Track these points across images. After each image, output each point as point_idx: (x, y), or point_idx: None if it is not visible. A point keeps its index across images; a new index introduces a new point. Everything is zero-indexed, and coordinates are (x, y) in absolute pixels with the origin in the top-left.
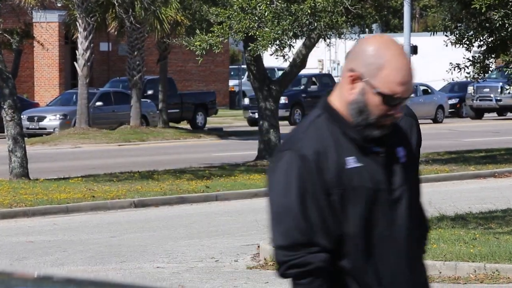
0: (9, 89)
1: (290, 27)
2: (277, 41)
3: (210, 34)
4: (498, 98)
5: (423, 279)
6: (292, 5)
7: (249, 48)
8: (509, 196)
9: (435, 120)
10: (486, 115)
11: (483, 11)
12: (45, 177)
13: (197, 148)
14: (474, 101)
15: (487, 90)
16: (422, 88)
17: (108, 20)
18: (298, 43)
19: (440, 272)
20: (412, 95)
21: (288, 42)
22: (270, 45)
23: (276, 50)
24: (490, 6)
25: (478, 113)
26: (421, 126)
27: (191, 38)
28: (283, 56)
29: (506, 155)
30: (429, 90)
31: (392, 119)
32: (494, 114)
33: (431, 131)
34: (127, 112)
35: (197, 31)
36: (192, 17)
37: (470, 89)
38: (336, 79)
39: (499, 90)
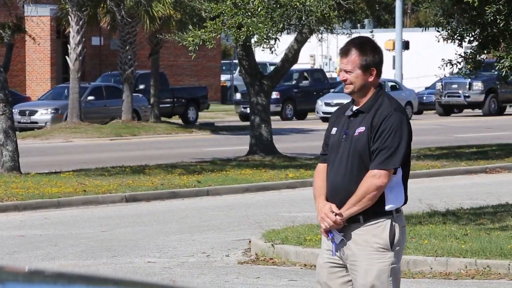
0: (1, 83)
1: (280, 19)
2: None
3: (203, 30)
4: (467, 95)
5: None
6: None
7: (231, 38)
8: (500, 192)
9: None
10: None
11: (475, 5)
12: (36, 171)
13: (189, 143)
14: (443, 98)
15: (456, 86)
16: (390, 84)
17: (99, 15)
18: (290, 38)
19: (431, 268)
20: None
21: (275, 36)
22: (265, 41)
23: (259, 40)
24: (482, 1)
25: (446, 110)
26: None
27: (184, 33)
28: (270, 49)
29: (498, 151)
30: (397, 86)
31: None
32: (470, 110)
33: (421, 127)
34: (119, 107)
35: (190, 27)
36: (183, 11)
37: (439, 85)
38: (328, 74)
39: (468, 87)
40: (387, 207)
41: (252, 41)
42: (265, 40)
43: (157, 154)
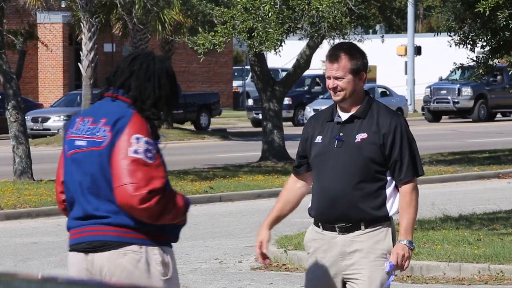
0: (13, 90)
1: (286, 20)
2: (280, 42)
3: (213, 34)
4: (456, 101)
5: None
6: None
7: (246, 44)
8: None
9: None
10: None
11: (487, 14)
12: (49, 178)
13: (201, 149)
14: (431, 104)
15: (445, 92)
16: (380, 90)
17: (112, 21)
18: (302, 44)
19: (445, 273)
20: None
21: (281, 37)
22: (275, 47)
23: (269, 46)
24: (494, 8)
25: (435, 116)
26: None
27: (195, 37)
28: (274, 49)
29: (510, 156)
30: (388, 92)
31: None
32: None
33: (433, 132)
34: None
35: (200, 30)
36: (195, 17)
37: (427, 91)
38: None
39: (457, 92)
40: (391, 213)
41: (263, 47)
42: (275, 43)
43: (169, 160)
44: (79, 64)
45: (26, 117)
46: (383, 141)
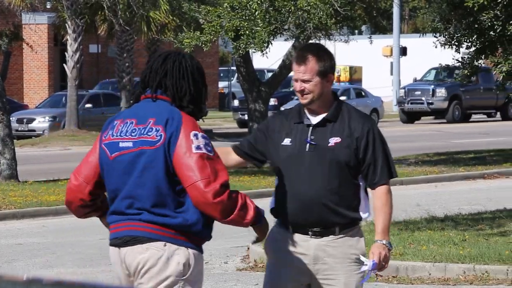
0: None
1: (272, 21)
2: (267, 43)
3: (198, 32)
4: (430, 101)
5: None
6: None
7: (232, 46)
8: (498, 197)
9: None
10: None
11: (475, 9)
12: (34, 179)
13: None
14: (406, 105)
15: (419, 93)
16: (355, 91)
17: (97, 22)
18: (288, 45)
19: (430, 274)
20: (343, 97)
21: (268, 38)
22: (264, 47)
23: (257, 44)
24: (479, 8)
25: (410, 117)
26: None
27: (180, 35)
28: (261, 51)
29: (495, 157)
30: (363, 93)
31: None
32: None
33: (419, 132)
34: None
35: (184, 28)
36: (181, 18)
37: (402, 91)
38: None
39: (431, 93)
40: (364, 216)
41: (249, 47)
42: (262, 44)
43: None
44: (64, 65)
45: (11, 118)
46: (356, 145)
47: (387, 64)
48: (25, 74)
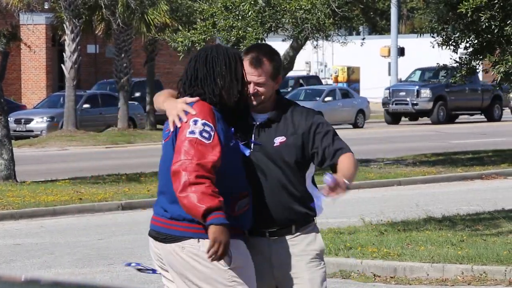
0: None
1: (268, 20)
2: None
3: (193, 31)
4: (415, 102)
5: None
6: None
7: (224, 41)
8: (496, 198)
9: (355, 125)
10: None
11: (469, 14)
12: (32, 179)
13: None
14: (390, 105)
15: (403, 94)
16: (341, 92)
17: (95, 22)
18: (285, 45)
19: (428, 274)
20: (329, 98)
21: (262, 36)
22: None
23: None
24: (476, 9)
25: (394, 118)
26: (341, 132)
27: (174, 35)
28: None
29: (493, 157)
30: (349, 94)
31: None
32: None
33: (415, 133)
34: (115, 114)
35: (180, 27)
36: (180, 19)
37: (386, 92)
38: (323, 81)
39: (416, 94)
40: (318, 213)
41: (241, 45)
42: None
43: (153, 162)
44: (62, 65)
45: (9, 119)
46: (302, 141)
47: (385, 65)
48: (23, 74)
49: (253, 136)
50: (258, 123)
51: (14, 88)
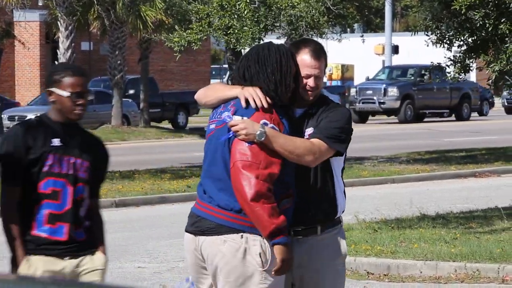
0: None
1: (263, 19)
2: (254, 40)
3: (189, 31)
4: (382, 101)
5: None
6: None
7: (224, 44)
8: (490, 195)
9: None
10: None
11: (462, 12)
12: None
13: (179, 148)
14: (357, 104)
15: (370, 92)
16: None
17: (89, 20)
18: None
19: (421, 272)
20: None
21: (259, 35)
22: (248, 44)
23: (243, 43)
24: (470, 6)
25: (361, 117)
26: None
27: (170, 34)
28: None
29: (487, 155)
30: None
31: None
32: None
33: (410, 131)
34: (109, 112)
35: (176, 27)
36: (175, 16)
37: (353, 91)
38: None
39: (383, 93)
40: (339, 212)
41: (238, 44)
42: (250, 42)
43: (146, 159)
44: (56, 62)
45: (2, 116)
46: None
47: (379, 63)
48: (17, 71)
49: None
50: (296, 117)
51: (8, 85)
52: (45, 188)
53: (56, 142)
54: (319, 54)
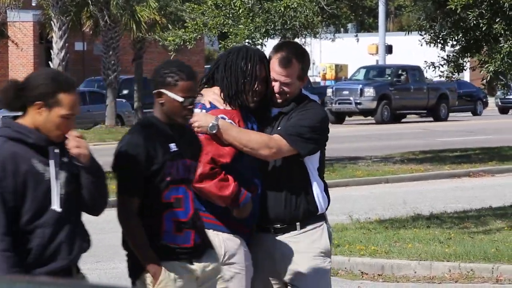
0: None
1: (263, 24)
2: (249, 38)
3: (184, 30)
4: (358, 101)
5: None
6: (265, 3)
7: (219, 45)
8: (484, 195)
9: None
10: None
11: (458, 11)
12: None
13: None
14: (333, 105)
15: (347, 93)
16: None
17: (83, 20)
18: (274, 43)
19: (415, 272)
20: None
21: (260, 41)
22: (243, 42)
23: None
24: (465, 6)
25: (338, 117)
26: None
27: (165, 33)
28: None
29: (481, 155)
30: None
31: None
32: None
33: (403, 131)
34: (102, 112)
35: (170, 27)
36: (168, 17)
37: (330, 91)
38: (311, 79)
39: (359, 93)
40: (320, 210)
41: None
42: (244, 41)
43: None
44: (50, 62)
45: None
46: None
47: (373, 62)
48: (11, 71)
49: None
50: (272, 116)
51: (1, 85)
52: (169, 197)
53: (173, 147)
54: (288, 62)
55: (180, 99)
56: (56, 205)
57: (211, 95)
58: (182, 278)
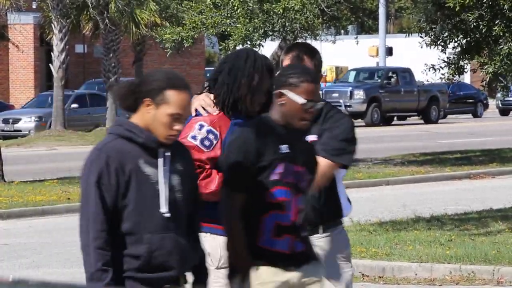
0: None
1: (261, 25)
2: (247, 39)
3: (181, 28)
4: (348, 104)
5: None
6: (264, 4)
7: (220, 47)
8: (484, 197)
9: None
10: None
11: (456, 9)
12: (20, 179)
13: None
14: None
15: (336, 95)
16: None
17: (83, 22)
18: (274, 45)
19: (416, 274)
20: None
21: (258, 42)
22: (240, 43)
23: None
24: (464, 6)
25: None
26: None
27: (162, 31)
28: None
29: (481, 157)
30: None
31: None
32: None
33: (403, 133)
34: (103, 114)
35: (167, 24)
36: (169, 20)
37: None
38: None
39: (349, 95)
40: (345, 214)
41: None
42: (245, 40)
43: None
44: (50, 65)
45: None
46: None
47: (373, 64)
48: (11, 74)
49: None
50: None
51: (2, 88)
52: (273, 197)
53: (284, 148)
54: (299, 60)
55: (302, 100)
56: (164, 208)
57: (200, 101)
58: (272, 283)
